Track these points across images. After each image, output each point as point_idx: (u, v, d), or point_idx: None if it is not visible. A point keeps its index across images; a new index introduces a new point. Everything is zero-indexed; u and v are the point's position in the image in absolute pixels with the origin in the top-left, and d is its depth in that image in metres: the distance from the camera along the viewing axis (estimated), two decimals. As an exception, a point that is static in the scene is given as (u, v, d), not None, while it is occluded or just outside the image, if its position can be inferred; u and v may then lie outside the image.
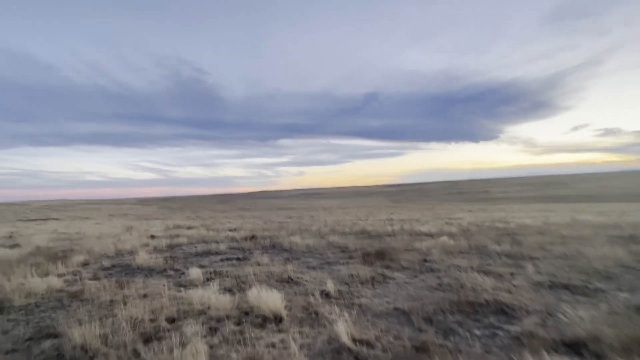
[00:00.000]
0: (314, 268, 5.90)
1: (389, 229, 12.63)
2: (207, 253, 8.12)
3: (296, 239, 9.59)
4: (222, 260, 7.10)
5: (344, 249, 8.05)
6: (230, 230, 14.96)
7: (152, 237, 12.66)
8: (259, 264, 6.20)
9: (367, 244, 8.76)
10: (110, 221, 32.32)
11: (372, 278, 4.83)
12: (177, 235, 13.08)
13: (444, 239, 8.09)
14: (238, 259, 7.14)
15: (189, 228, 17.37)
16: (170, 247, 9.49)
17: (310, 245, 8.53)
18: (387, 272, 5.18)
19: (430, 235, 10.89)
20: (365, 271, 5.12)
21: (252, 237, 11.32)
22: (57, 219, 42.83)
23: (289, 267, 5.79)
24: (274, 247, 8.85)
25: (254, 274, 5.18)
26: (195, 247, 9.14)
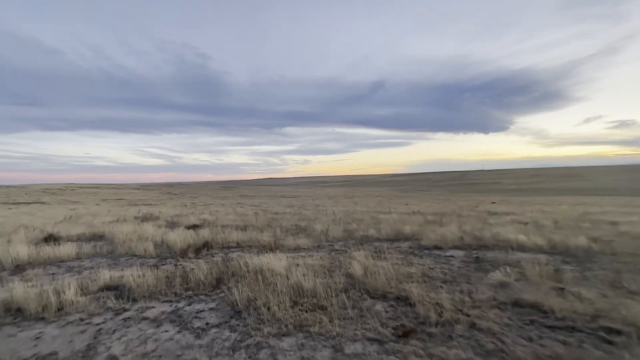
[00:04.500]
0: None
1: (448, 233, 7.25)
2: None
3: (280, 261, 4.31)
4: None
5: (402, 314, 2.78)
6: (190, 227, 9.74)
7: (50, 237, 7.45)
8: None
9: (443, 286, 3.45)
10: (93, 206, 27.93)
11: None
12: (100, 236, 8.09)
13: None
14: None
15: (150, 219, 12.31)
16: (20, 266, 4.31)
17: (304, 288, 3.27)
18: None
19: (542, 250, 5.54)
20: None
21: (202, 248, 6.07)
22: (42, 203, 39.48)
23: None
24: (220, 284, 3.61)
25: None
26: (75, 264, 3.93)
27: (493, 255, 5.31)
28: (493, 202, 31.04)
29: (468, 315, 2.71)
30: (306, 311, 2.83)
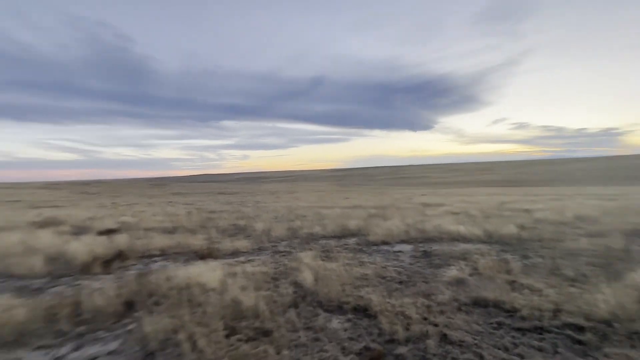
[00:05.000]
0: None
1: (393, 227, 7.18)
2: None
3: (214, 272, 3.57)
4: None
5: None
6: (104, 232, 8.16)
7: None
8: None
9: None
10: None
11: None
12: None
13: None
14: None
15: (52, 224, 10.02)
16: None
17: (244, 307, 2.63)
18: None
19: (481, 240, 5.70)
20: None
21: (114, 259, 4.92)
22: None
23: None
24: (131, 311, 2.74)
25: None
26: None
27: (439, 248, 5.29)
28: (423, 194, 33.59)
29: (436, 325, 2.38)
30: (246, 341, 2.20)
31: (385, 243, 6.01)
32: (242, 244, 5.96)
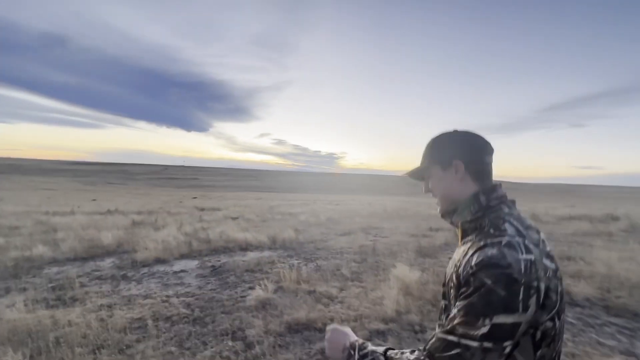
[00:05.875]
0: None
1: (169, 239, 5.74)
2: None
3: None
4: None
5: None
6: None
7: None
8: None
9: None
10: None
11: None
12: None
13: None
14: None
15: None
16: None
17: None
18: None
19: (267, 246, 5.64)
20: None
21: None
22: None
23: None
24: None
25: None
26: None
27: (231, 260, 4.68)
28: (194, 197, 32.01)
29: (261, 385, 1.72)
30: None
31: (160, 261, 4.65)
32: None
